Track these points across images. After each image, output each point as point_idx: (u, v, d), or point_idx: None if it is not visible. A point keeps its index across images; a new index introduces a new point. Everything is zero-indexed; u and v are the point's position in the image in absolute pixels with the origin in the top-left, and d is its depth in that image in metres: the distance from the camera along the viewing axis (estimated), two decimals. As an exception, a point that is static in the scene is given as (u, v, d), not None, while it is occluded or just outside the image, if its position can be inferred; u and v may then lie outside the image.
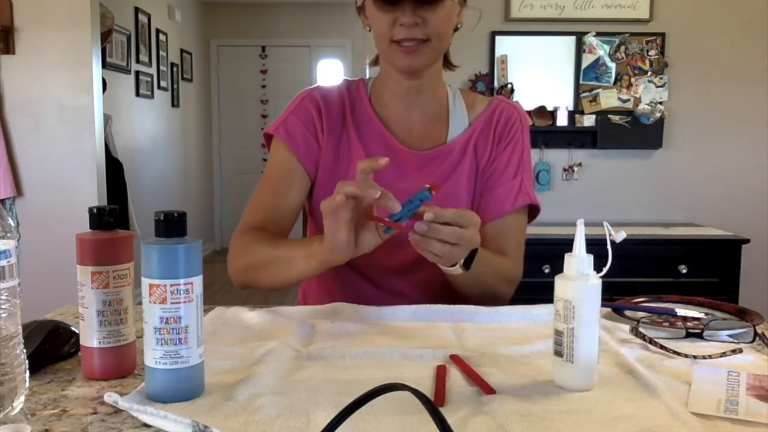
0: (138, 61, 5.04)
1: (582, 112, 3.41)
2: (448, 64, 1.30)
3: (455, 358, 0.85)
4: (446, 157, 1.24)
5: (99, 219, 0.79)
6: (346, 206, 0.88)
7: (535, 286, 1.49)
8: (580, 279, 0.75)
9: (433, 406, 0.59)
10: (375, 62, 1.28)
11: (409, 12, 1.11)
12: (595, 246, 0.79)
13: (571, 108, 3.40)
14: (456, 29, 1.22)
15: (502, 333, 0.98)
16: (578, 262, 0.76)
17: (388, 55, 1.18)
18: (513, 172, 1.24)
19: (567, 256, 0.77)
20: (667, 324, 0.99)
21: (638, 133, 3.40)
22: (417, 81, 1.21)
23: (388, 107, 1.25)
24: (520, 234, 1.26)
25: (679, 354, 0.87)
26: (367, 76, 1.33)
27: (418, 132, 1.25)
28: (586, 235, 0.77)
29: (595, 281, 0.76)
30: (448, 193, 1.22)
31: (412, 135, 1.25)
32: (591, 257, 0.76)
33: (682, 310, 1.08)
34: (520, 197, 1.23)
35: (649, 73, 3.40)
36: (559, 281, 0.77)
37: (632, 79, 3.40)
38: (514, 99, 3.32)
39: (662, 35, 3.38)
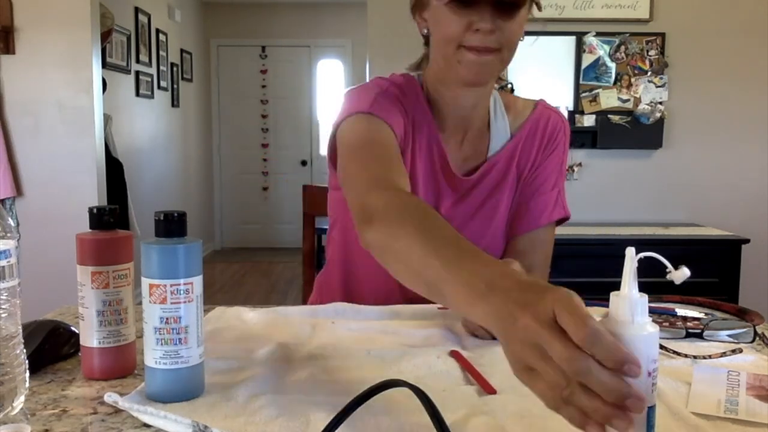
0: (138, 61, 5.03)
1: (582, 112, 3.41)
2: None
3: (456, 354, 0.85)
4: (487, 175, 1.19)
5: (99, 219, 0.79)
6: None
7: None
8: (632, 328, 0.54)
9: (432, 405, 0.59)
10: (417, 67, 1.20)
11: (488, 17, 1.01)
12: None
13: (571, 108, 3.40)
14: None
15: (502, 333, 0.98)
16: (629, 305, 0.54)
17: (452, 61, 1.06)
18: (552, 183, 1.22)
19: (613, 296, 0.56)
20: (667, 324, 0.99)
21: (638, 133, 3.40)
22: (476, 92, 1.13)
23: (447, 121, 1.17)
24: (549, 247, 1.24)
25: (679, 354, 0.87)
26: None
27: (465, 149, 1.19)
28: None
29: (652, 330, 0.54)
30: (489, 212, 1.19)
31: (460, 151, 1.19)
32: (645, 298, 0.55)
33: (682, 310, 1.08)
34: (556, 211, 1.22)
35: (649, 73, 3.39)
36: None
37: (632, 79, 3.40)
38: (514, 99, 3.32)
39: (662, 35, 3.37)
